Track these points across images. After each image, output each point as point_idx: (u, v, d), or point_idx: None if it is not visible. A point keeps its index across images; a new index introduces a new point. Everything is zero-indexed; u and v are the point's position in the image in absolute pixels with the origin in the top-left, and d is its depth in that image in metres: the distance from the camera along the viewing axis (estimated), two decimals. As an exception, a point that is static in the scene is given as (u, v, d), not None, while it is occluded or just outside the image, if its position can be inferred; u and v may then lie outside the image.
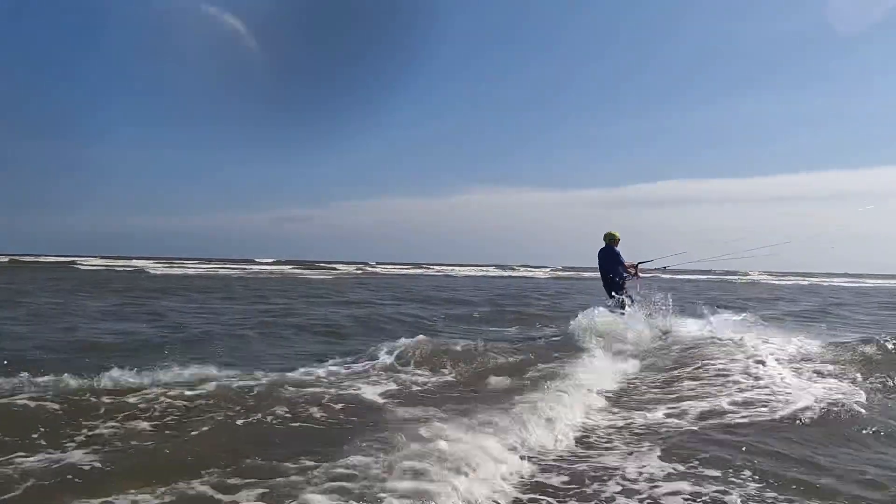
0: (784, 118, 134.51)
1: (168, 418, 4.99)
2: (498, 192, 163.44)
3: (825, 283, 53.69)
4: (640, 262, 11.79)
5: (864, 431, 4.91)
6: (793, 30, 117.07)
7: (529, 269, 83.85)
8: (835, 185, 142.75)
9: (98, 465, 3.87)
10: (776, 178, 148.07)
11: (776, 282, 54.58)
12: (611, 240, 11.68)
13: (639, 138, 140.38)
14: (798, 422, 5.11)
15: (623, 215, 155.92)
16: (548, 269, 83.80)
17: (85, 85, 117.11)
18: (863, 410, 5.34)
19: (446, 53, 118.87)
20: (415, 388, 6.49)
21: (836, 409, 5.35)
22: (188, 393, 5.49)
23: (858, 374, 7.06)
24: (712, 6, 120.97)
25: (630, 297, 11.68)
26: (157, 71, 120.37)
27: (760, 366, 7.24)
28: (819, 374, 7.09)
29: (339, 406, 5.44)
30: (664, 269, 12.60)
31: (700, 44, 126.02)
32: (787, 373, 6.94)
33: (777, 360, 7.67)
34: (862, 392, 5.98)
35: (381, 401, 5.80)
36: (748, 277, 61.48)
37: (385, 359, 7.57)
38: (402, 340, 8.22)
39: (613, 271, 11.57)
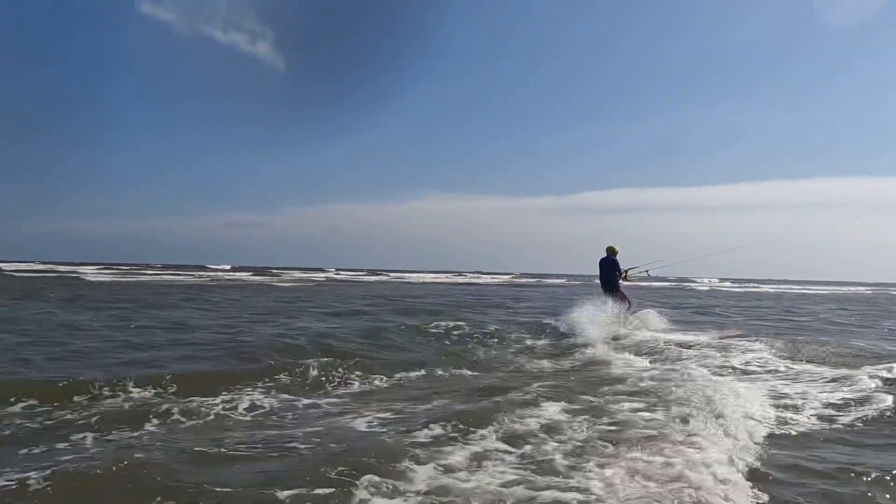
0: (729, 129, 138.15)
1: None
2: (452, 198, 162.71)
3: (789, 291, 54.63)
4: (628, 269, 13.86)
5: None
6: (735, 43, 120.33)
7: (491, 275, 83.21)
8: (777, 196, 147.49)
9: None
10: (722, 187, 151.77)
11: (737, 289, 55.28)
12: (612, 252, 13.77)
13: (590, 147, 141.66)
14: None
15: (575, 222, 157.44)
16: (508, 276, 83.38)
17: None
18: None
19: (403, 61, 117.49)
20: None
21: None
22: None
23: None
24: (658, 20, 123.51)
25: (628, 301, 13.78)
26: (102, 72, 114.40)
27: None
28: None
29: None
30: (648, 275, 14.43)
31: (648, 56, 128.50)
32: None
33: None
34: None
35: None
36: (705, 286, 62.23)
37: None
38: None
39: (612, 276, 13.79)
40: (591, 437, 4.88)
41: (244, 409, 6.08)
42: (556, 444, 4.72)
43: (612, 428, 5.14)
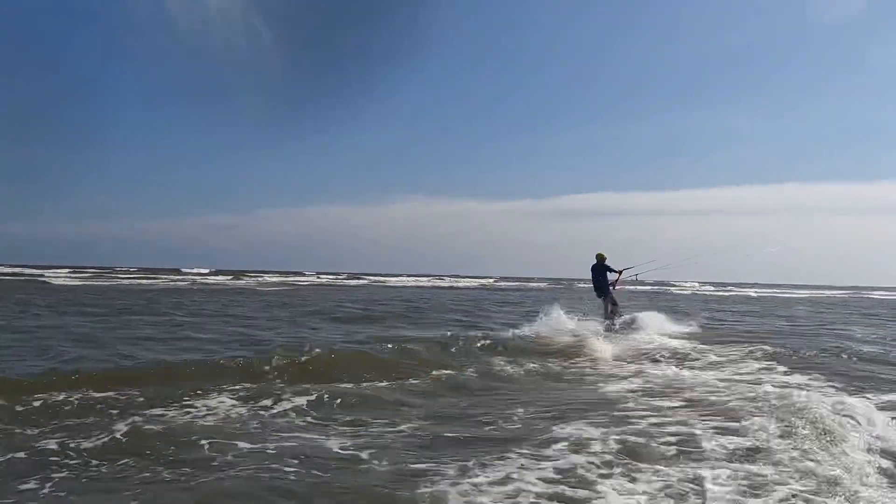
0: (709, 134, 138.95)
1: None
2: (433, 202, 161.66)
3: (766, 294, 55.15)
4: (623, 269, 14.32)
5: None
6: (721, 48, 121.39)
7: (470, 279, 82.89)
8: (752, 200, 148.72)
9: None
10: (721, 189, 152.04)
11: (719, 293, 55.58)
12: (601, 258, 14.54)
13: (587, 149, 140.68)
14: None
15: (556, 225, 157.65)
16: (490, 280, 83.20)
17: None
18: None
19: (395, 63, 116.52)
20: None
21: None
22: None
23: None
24: (647, 26, 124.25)
25: (616, 303, 14.36)
26: (95, 74, 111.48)
27: None
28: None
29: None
30: (636, 278, 14.91)
31: (647, 56, 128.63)
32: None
33: None
34: None
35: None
36: (687, 289, 62.58)
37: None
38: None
39: (603, 280, 14.47)
40: (612, 449, 4.48)
41: (210, 417, 5.74)
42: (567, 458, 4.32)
43: (637, 439, 4.74)
